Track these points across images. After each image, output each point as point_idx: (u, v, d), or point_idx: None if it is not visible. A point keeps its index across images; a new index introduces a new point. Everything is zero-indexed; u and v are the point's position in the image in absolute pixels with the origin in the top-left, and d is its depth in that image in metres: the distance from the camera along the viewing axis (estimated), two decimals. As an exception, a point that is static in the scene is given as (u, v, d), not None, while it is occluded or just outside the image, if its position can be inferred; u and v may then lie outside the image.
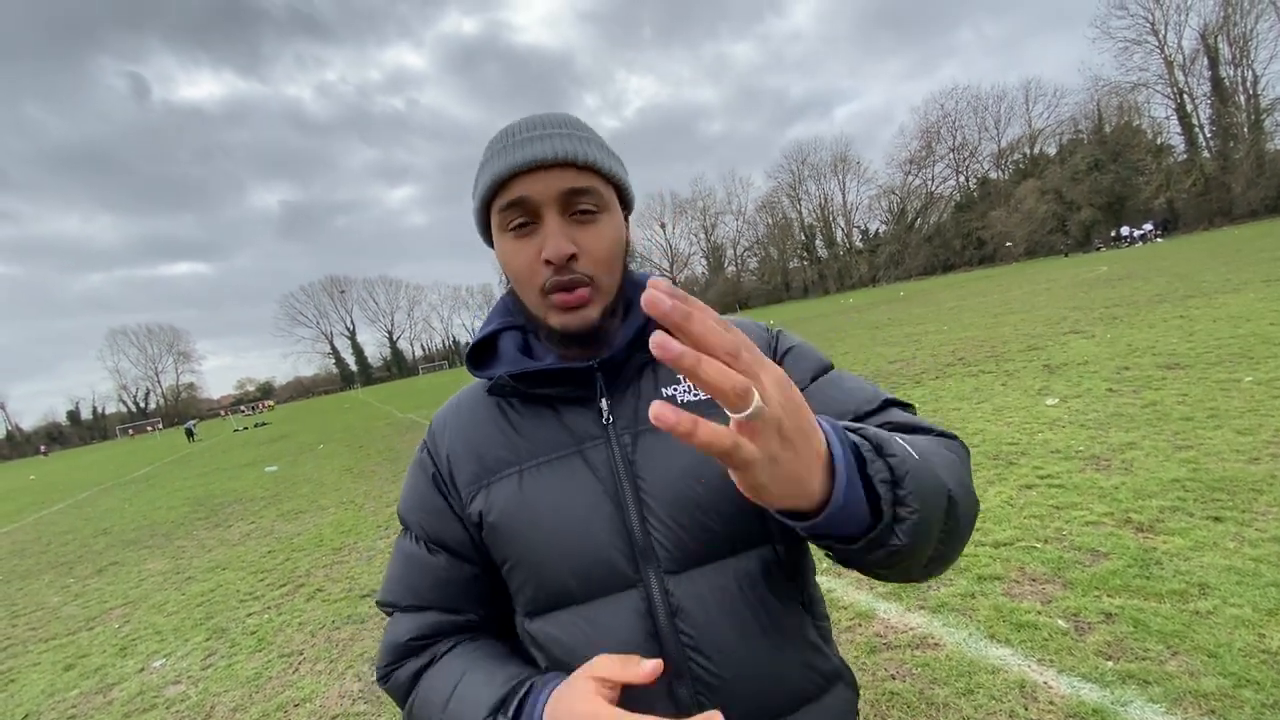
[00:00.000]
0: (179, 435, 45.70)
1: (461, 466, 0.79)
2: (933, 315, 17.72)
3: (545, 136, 0.72)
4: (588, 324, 0.73)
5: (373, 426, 18.90)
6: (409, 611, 0.80)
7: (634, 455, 0.74)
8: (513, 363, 0.78)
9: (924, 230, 70.36)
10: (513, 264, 0.74)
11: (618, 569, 0.71)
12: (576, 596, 0.72)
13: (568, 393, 0.77)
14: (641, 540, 0.71)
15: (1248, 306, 8.65)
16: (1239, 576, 2.59)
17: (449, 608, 0.80)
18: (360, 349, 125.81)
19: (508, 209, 0.72)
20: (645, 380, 0.79)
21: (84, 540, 9.11)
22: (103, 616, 5.23)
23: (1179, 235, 41.78)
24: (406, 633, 0.78)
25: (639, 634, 0.69)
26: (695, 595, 0.70)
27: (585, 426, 0.76)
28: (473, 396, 0.84)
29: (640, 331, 0.77)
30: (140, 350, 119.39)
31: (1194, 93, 50.90)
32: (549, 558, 0.72)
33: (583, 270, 0.71)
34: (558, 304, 0.72)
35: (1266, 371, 5.42)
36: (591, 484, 0.73)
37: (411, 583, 0.81)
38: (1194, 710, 1.97)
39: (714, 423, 0.40)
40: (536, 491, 0.74)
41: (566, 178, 0.71)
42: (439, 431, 0.83)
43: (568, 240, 0.70)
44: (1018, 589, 2.88)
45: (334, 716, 2.94)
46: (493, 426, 0.79)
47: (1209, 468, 3.72)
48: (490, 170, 0.72)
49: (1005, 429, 5.40)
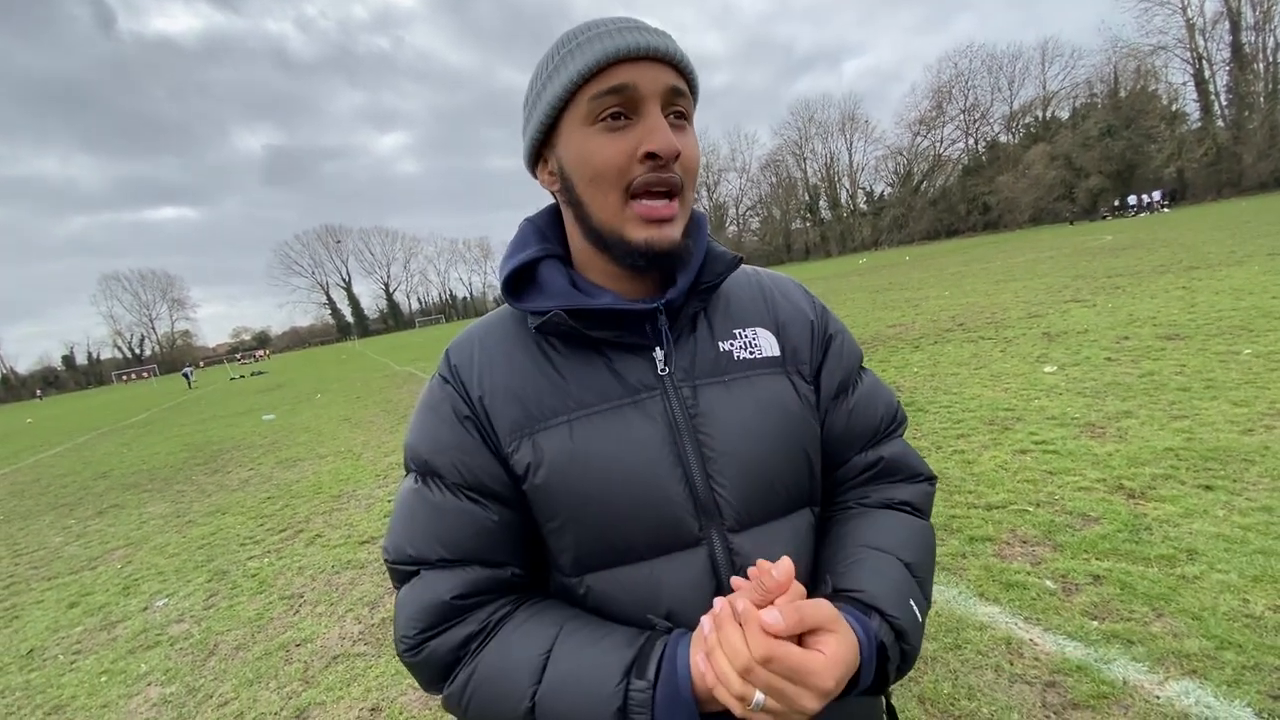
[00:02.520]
0: (176, 381, 45.76)
1: (500, 410, 0.70)
2: (934, 280, 17.63)
3: (648, 30, 0.65)
4: (672, 242, 0.67)
5: (370, 378, 18.93)
6: (445, 567, 0.68)
7: (695, 409, 0.70)
8: (565, 297, 0.69)
9: (929, 194, 69.40)
10: (597, 158, 0.65)
11: (684, 526, 0.68)
12: (639, 554, 0.68)
13: (622, 337, 0.70)
14: (705, 497, 0.68)
15: (1251, 279, 8.60)
16: (1227, 543, 2.63)
17: (493, 561, 0.70)
18: (356, 300, 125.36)
19: (605, 95, 0.64)
20: (701, 330, 0.75)
21: (84, 483, 9.20)
22: (105, 557, 5.31)
23: (1186, 205, 41.32)
24: (449, 590, 0.67)
25: (704, 593, 0.67)
26: (759, 553, 0.67)
27: (640, 376, 0.70)
28: (502, 330, 0.75)
29: (698, 276, 0.73)
30: (134, 296, 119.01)
31: (1213, 58, 49.64)
32: (609, 514, 0.67)
33: (679, 174, 0.66)
34: (644, 214, 0.65)
35: (1265, 345, 5.42)
36: (651, 437, 0.68)
37: (444, 534, 0.68)
38: (1175, 670, 2.02)
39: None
40: (591, 443, 0.67)
41: (670, 75, 0.66)
42: (464, 367, 0.73)
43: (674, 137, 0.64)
44: (1008, 550, 2.92)
45: (335, 657, 3.01)
46: (534, 369, 0.71)
47: (1203, 437, 3.75)
48: (586, 54, 0.64)
49: (1002, 394, 5.42)
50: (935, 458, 4.22)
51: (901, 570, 0.70)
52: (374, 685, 2.74)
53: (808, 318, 0.80)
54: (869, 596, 0.65)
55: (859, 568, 0.69)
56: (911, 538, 0.75)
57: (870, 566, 0.69)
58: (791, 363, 0.77)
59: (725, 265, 0.74)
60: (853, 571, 0.68)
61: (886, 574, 0.69)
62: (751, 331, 0.76)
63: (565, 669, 0.62)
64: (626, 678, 0.59)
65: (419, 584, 0.68)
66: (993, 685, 2.11)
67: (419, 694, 2.63)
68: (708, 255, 0.75)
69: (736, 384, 0.73)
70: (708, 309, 0.77)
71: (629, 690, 0.59)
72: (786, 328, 0.78)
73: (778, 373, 0.76)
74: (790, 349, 0.78)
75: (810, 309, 0.82)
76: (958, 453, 4.23)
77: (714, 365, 0.73)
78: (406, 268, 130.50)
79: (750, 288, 0.81)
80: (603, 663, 0.61)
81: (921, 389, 6.12)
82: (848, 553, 0.72)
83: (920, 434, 4.78)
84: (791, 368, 0.77)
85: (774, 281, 0.84)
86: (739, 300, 0.79)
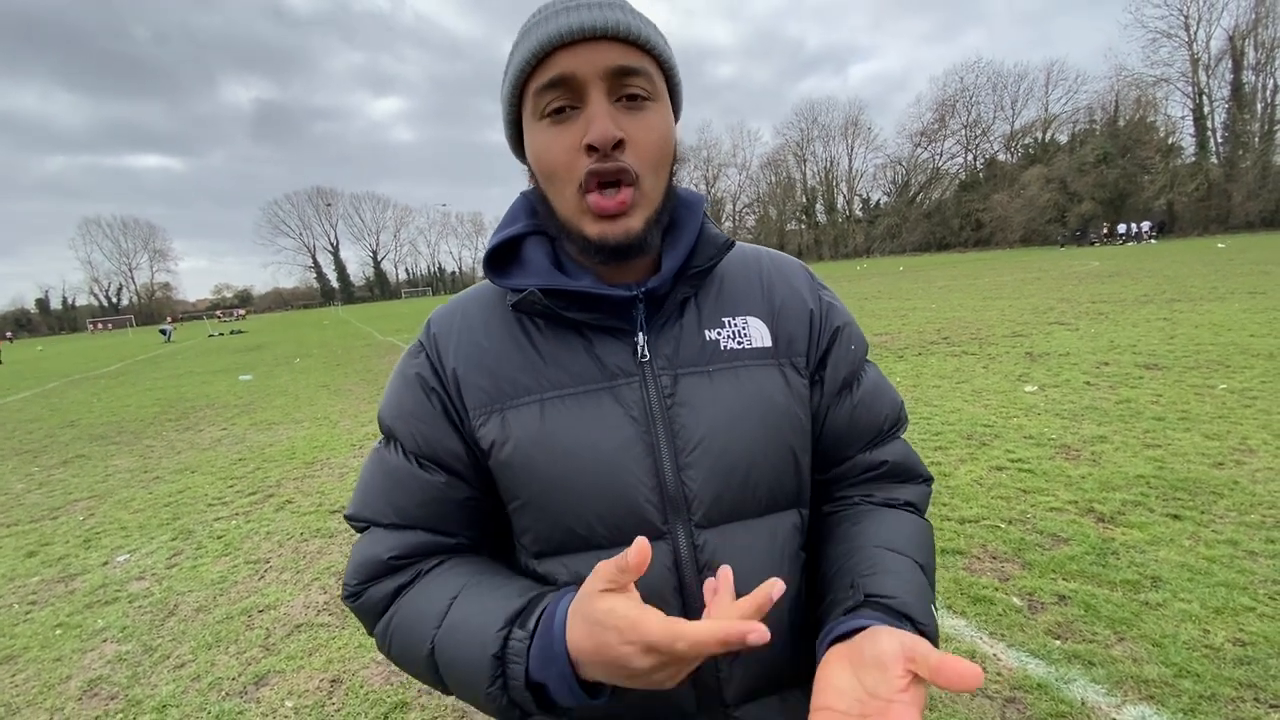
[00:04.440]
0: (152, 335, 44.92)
1: (471, 383, 0.69)
2: (922, 291, 17.78)
3: (593, 5, 0.62)
4: (629, 235, 0.63)
5: (351, 345, 18.70)
6: (392, 529, 0.70)
7: (673, 399, 0.68)
8: (544, 276, 0.68)
9: (925, 206, 69.79)
10: (546, 156, 0.63)
11: (646, 518, 0.66)
12: (599, 543, 0.67)
13: (601, 320, 0.68)
14: (674, 490, 0.66)
15: (1231, 316, 8.76)
16: (1191, 573, 2.68)
17: (440, 529, 0.71)
18: (343, 265, 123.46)
19: (545, 90, 0.62)
20: (688, 316, 0.72)
21: (50, 430, 9.00)
22: (67, 507, 5.20)
23: (1173, 238, 42.00)
24: (387, 550, 0.69)
25: (666, 586, 0.66)
26: (727, 551, 0.67)
27: (619, 361, 0.68)
28: (484, 304, 0.74)
29: (687, 260, 0.70)
30: (114, 244, 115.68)
31: (1213, 95, 50.28)
32: (571, 499, 0.66)
33: (628, 163, 0.62)
34: (595, 208, 0.62)
35: (1241, 381, 5.52)
36: (623, 424, 0.66)
37: (395, 499, 0.70)
38: (1133, 694, 2.06)
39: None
40: (561, 425, 0.66)
41: (615, 53, 0.61)
42: (443, 337, 0.72)
43: (615, 123, 0.61)
44: (978, 565, 2.96)
45: (298, 625, 2.98)
46: (512, 345, 0.70)
47: (1174, 467, 3.81)
48: (525, 45, 0.62)
49: (982, 410, 5.47)
50: (913, 468, 4.25)
51: (919, 573, 0.69)
52: (336, 656, 2.71)
53: (807, 307, 0.76)
54: (901, 604, 0.63)
55: (884, 573, 0.67)
56: (922, 539, 0.74)
57: (894, 571, 0.67)
58: (785, 354, 0.74)
59: (717, 249, 0.71)
60: (880, 577, 0.66)
61: (910, 579, 0.67)
62: (742, 320, 0.73)
63: (460, 614, 0.63)
64: (509, 626, 0.60)
65: (367, 539, 0.71)
66: (953, 698, 2.14)
67: (381, 667, 2.60)
68: (700, 238, 0.71)
69: (721, 374, 0.70)
70: (699, 294, 0.74)
71: (509, 639, 0.59)
72: (782, 317, 0.75)
73: (767, 364, 0.72)
74: (785, 340, 0.74)
75: (812, 298, 0.77)
76: (935, 465, 4.26)
77: (698, 354, 0.70)
78: (396, 237, 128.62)
79: (748, 272, 0.77)
80: (492, 610, 0.62)
81: (903, 399, 6.16)
82: (868, 554, 0.69)
83: (899, 443, 4.82)
84: (784, 359, 0.73)
85: (776, 265, 0.80)
86: (733, 285, 0.75)
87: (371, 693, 2.46)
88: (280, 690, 2.53)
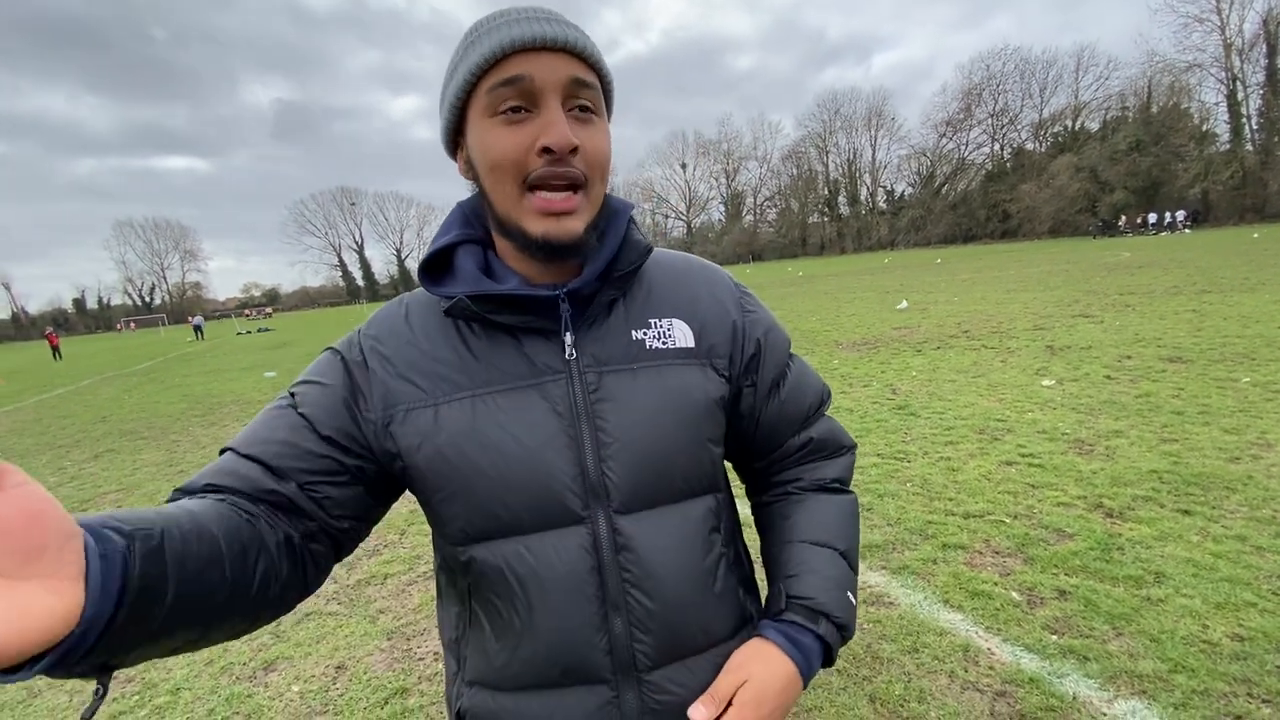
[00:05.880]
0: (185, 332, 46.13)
1: (399, 379, 0.72)
2: (945, 284, 17.50)
3: (551, 20, 0.65)
4: (572, 235, 0.67)
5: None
6: (239, 457, 0.68)
7: (596, 395, 0.72)
8: (471, 282, 0.71)
9: (950, 197, 68.53)
10: (495, 150, 0.66)
11: (567, 506, 0.70)
12: (522, 528, 0.70)
13: (530, 322, 0.71)
14: (595, 480, 0.70)
15: (1260, 307, 8.51)
16: (1196, 569, 2.63)
17: (274, 466, 0.67)
18: (368, 264, 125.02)
19: (501, 87, 0.64)
20: (615, 317, 0.75)
21: (83, 426, 9.32)
22: (96, 499, 5.40)
23: (1207, 227, 40.74)
24: (213, 474, 0.65)
25: (583, 567, 0.70)
26: (642, 535, 0.72)
27: (546, 359, 0.72)
28: (424, 308, 0.77)
29: (611, 263, 0.73)
30: (147, 245, 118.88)
31: (1247, 81, 48.52)
32: (498, 488, 0.69)
33: (580, 168, 0.66)
34: (540, 207, 0.66)
35: (1265, 374, 5.37)
36: (548, 419, 0.70)
37: (257, 432, 0.70)
38: (1126, 689, 2.04)
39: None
40: (491, 420, 0.70)
41: (574, 66, 0.65)
42: (383, 337, 0.75)
43: (571, 131, 0.65)
44: (979, 559, 2.94)
45: (307, 613, 3.07)
46: (446, 346, 0.73)
47: (1189, 462, 3.73)
48: (485, 44, 0.65)
49: (996, 405, 5.40)
50: (920, 463, 4.22)
51: (840, 563, 0.80)
52: (342, 644, 2.79)
53: (730, 318, 0.80)
54: (818, 604, 0.76)
55: (806, 573, 0.78)
56: (843, 523, 0.84)
57: (814, 570, 0.79)
58: (706, 356, 0.78)
59: (638, 254, 0.75)
60: (801, 579, 0.78)
61: (828, 574, 0.79)
62: (668, 322, 0.77)
63: None
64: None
65: (216, 461, 0.69)
66: (945, 690, 2.14)
67: (385, 655, 2.68)
68: (624, 244, 0.75)
69: (644, 372, 0.74)
70: (625, 296, 0.77)
71: None
72: (706, 323, 0.79)
73: (689, 363, 0.76)
74: (707, 344, 0.78)
75: (735, 309, 0.81)
76: (943, 459, 4.23)
77: (624, 353, 0.74)
78: (420, 235, 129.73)
79: (677, 278, 0.81)
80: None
81: (917, 394, 6.10)
82: (794, 551, 0.81)
83: (909, 439, 4.79)
84: (705, 360, 0.78)
85: (704, 274, 0.83)
86: (660, 290, 0.79)
87: (374, 679, 2.53)
88: (288, 675, 2.62)
